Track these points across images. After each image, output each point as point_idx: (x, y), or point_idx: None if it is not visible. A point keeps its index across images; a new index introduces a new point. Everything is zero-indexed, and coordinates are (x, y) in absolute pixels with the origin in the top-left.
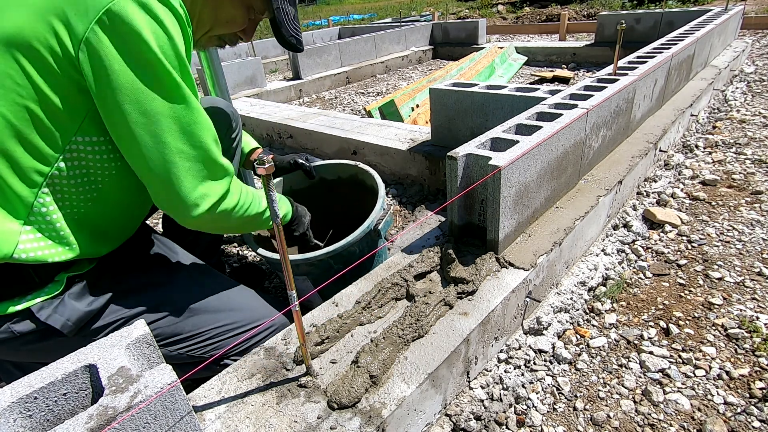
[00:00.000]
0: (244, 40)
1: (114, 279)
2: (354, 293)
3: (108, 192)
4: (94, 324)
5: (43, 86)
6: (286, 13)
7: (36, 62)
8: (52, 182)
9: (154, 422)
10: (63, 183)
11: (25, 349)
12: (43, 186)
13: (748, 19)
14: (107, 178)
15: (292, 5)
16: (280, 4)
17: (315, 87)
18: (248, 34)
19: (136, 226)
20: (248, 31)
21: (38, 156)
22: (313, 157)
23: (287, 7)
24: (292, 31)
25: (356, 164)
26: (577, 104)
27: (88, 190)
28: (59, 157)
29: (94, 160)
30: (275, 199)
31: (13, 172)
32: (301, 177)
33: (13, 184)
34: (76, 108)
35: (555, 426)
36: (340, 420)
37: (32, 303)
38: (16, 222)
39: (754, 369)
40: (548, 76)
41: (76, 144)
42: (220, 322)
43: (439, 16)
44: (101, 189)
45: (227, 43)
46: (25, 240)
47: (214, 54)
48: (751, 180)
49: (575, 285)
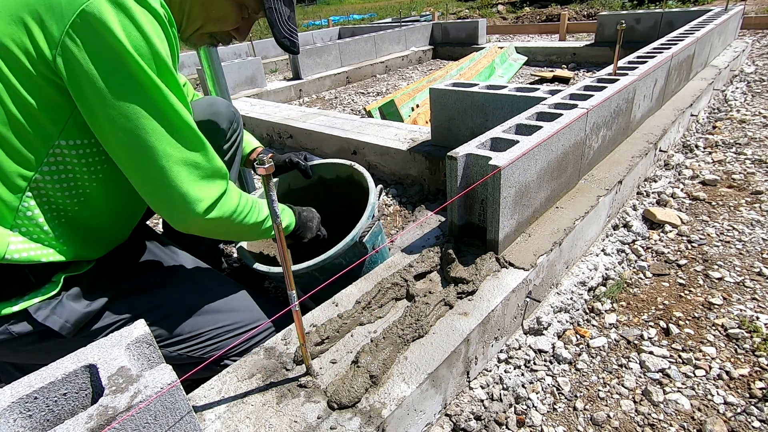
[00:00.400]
0: (238, 40)
1: (113, 280)
2: (354, 293)
3: (96, 195)
4: (93, 325)
5: (19, 88)
6: (279, 14)
7: (10, 63)
8: (36, 186)
9: (154, 422)
10: (48, 187)
11: (24, 350)
12: (27, 190)
13: (748, 19)
14: (94, 182)
15: (287, 6)
16: (273, 4)
17: (315, 87)
18: (242, 33)
19: (129, 228)
20: (242, 31)
21: (20, 160)
22: (312, 156)
23: (281, 7)
24: (285, 33)
25: (351, 164)
26: (577, 104)
27: (75, 194)
28: (43, 161)
29: (79, 164)
30: (275, 198)
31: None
32: (300, 176)
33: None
34: (57, 111)
35: (555, 426)
36: (340, 420)
37: (29, 304)
38: (3, 226)
39: (754, 369)
40: (548, 76)
41: (60, 148)
42: (219, 323)
43: (439, 16)
44: (88, 193)
45: (220, 41)
46: (16, 242)
47: (214, 54)
48: (751, 180)
49: (575, 285)
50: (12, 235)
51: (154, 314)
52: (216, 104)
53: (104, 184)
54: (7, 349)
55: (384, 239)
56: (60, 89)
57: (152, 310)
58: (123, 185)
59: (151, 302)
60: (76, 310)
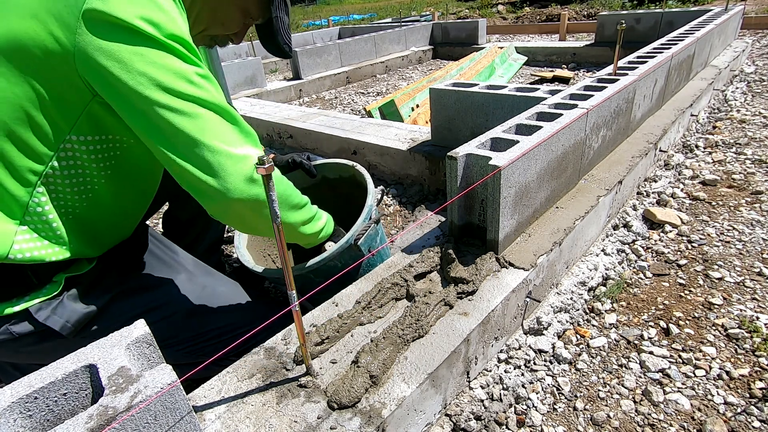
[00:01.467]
0: (234, 42)
1: (113, 280)
2: (354, 293)
3: (103, 192)
4: (93, 326)
5: (37, 85)
6: (282, 23)
7: (30, 61)
8: (47, 181)
9: (154, 422)
10: (58, 182)
11: (24, 350)
12: (38, 185)
13: (748, 19)
14: (102, 178)
15: (286, 15)
16: (278, 13)
17: (315, 87)
18: (239, 37)
19: (132, 226)
20: (240, 35)
21: (32, 155)
22: (315, 156)
23: (283, 16)
24: (286, 39)
25: (353, 165)
26: (577, 104)
27: (83, 190)
28: (53, 156)
29: (89, 160)
30: (275, 198)
31: (8, 172)
32: (302, 176)
33: (7, 183)
34: (71, 106)
35: (555, 426)
36: (340, 420)
37: (30, 304)
38: (11, 222)
39: (754, 369)
40: (548, 76)
41: (71, 143)
42: (219, 322)
43: (439, 16)
44: (96, 189)
45: (217, 43)
46: (21, 240)
47: (215, 54)
48: (751, 180)
49: (575, 285)
50: (19, 233)
51: (155, 314)
52: None
53: (112, 181)
54: (6, 349)
55: (384, 240)
56: (75, 86)
57: (152, 311)
58: (130, 182)
59: (152, 302)
60: (76, 311)
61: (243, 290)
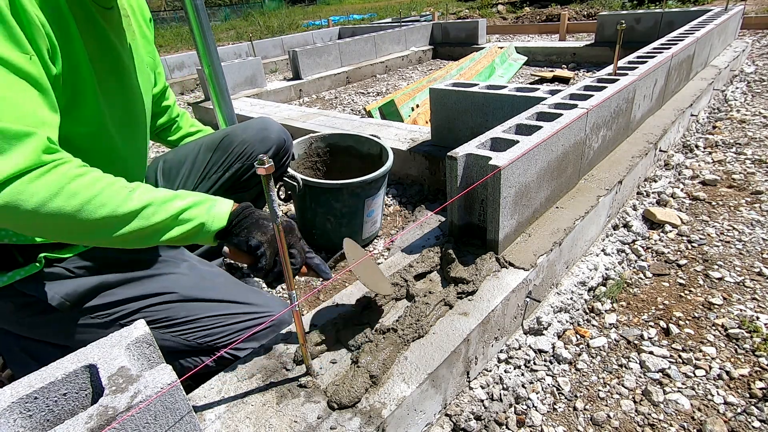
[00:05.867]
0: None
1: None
2: (354, 293)
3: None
4: (88, 302)
5: None
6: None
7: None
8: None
9: (154, 422)
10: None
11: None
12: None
13: (748, 19)
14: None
15: None
16: None
17: (315, 87)
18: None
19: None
20: None
21: None
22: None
23: None
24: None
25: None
26: (577, 104)
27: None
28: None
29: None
30: (275, 198)
31: None
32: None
33: None
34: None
35: (555, 426)
36: (340, 420)
37: (12, 281)
38: None
39: (754, 369)
40: (548, 76)
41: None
42: (222, 311)
43: (439, 16)
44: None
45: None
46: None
47: (214, 54)
48: (751, 180)
49: (575, 285)
50: None
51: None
52: (268, 128)
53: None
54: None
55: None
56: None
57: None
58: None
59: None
60: (65, 285)
61: (242, 282)
